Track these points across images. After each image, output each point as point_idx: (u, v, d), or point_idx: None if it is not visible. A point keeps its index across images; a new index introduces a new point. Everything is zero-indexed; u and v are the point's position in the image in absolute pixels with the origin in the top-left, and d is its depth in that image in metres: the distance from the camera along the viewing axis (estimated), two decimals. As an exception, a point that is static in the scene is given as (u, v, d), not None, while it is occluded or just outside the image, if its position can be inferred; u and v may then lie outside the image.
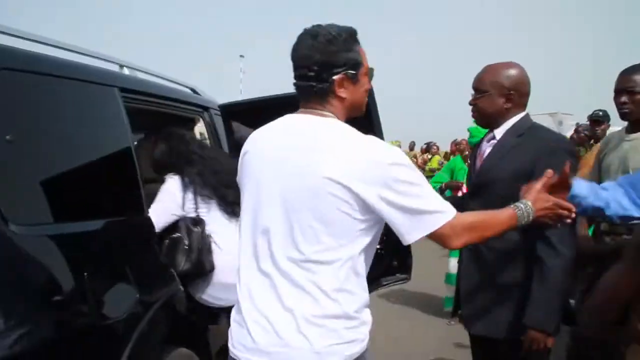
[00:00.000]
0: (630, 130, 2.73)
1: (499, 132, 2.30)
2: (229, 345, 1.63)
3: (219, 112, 3.34)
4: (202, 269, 2.68)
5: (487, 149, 2.36)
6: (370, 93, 2.73)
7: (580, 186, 2.01)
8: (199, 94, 3.47)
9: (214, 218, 2.77)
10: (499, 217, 1.69)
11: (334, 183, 1.46)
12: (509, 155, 2.23)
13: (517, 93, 2.25)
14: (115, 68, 2.61)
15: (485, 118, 2.34)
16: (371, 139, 1.54)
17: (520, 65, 2.30)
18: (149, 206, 2.49)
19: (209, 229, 2.73)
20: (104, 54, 2.57)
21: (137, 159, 2.33)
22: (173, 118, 3.13)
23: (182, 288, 2.50)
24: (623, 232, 2.66)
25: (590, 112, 5.71)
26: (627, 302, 1.35)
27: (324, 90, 1.57)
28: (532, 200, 1.71)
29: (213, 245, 2.72)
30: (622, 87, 2.67)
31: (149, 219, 2.38)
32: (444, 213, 1.53)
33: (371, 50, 1.78)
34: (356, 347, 1.54)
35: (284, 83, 2.84)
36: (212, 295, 2.74)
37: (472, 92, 2.35)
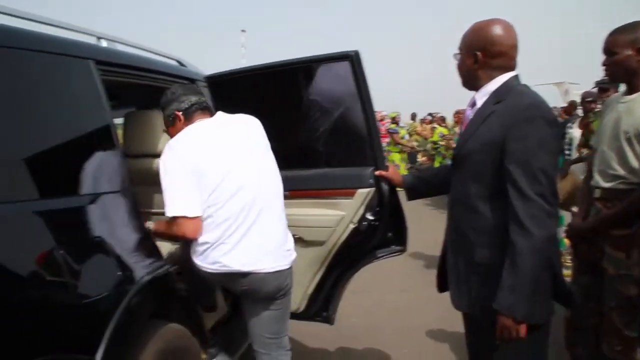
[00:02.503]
0: (627, 92, 2.67)
1: (479, 97, 2.13)
2: (240, 267, 2.38)
3: (205, 84, 3.28)
4: None
5: (470, 116, 2.18)
6: (359, 66, 2.69)
7: None
8: (184, 66, 3.40)
9: None
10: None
11: None
12: (484, 125, 2.03)
13: (484, 53, 2.06)
14: (92, 40, 2.53)
15: (463, 80, 2.22)
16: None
17: (505, 22, 2.08)
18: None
19: None
20: (78, 26, 2.48)
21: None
22: (157, 91, 3.07)
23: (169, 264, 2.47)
24: (612, 197, 2.62)
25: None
26: None
27: None
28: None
29: None
30: (604, 49, 2.64)
31: (132, 194, 2.32)
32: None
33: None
34: None
35: (287, 57, 2.80)
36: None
37: None
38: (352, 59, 2.67)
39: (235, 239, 2.36)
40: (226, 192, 2.34)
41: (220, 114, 2.57)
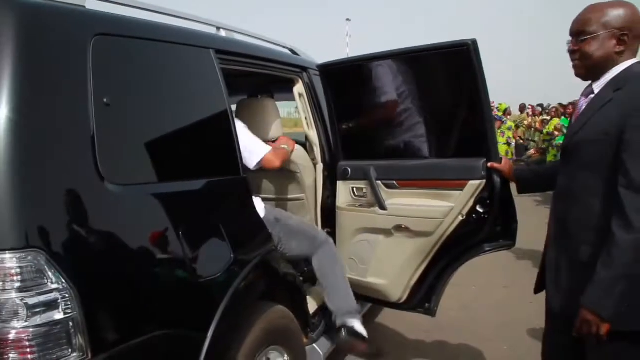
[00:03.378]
0: None
1: (598, 86, 1.97)
2: None
3: (317, 73, 3.32)
4: None
5: (583, 105, 2.03)
6: (477, 54, 2.59)
7: None
8: (297, 55, 3.46)
9: None
10: None
11: None
12: (600, 113, 1.88)
13: (631, 34, 1.89)
14: (212, 30, 2.63)
15: (590, 67, 1.97)
16: None
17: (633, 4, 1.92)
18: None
19: None
20: (199, 17, 2.59)
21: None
22: (271, 79, 3.15)
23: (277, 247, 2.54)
24: None
25: None
26: None
27: None
28: None
29: None
30: None
31: (245, 179, 2.40)
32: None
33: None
34: None
35: (393, 46, 2.75)
36: None
37: (570, 39, 2.02)
38: (470, 47, 2.57)
39: None
40: None
41: None
